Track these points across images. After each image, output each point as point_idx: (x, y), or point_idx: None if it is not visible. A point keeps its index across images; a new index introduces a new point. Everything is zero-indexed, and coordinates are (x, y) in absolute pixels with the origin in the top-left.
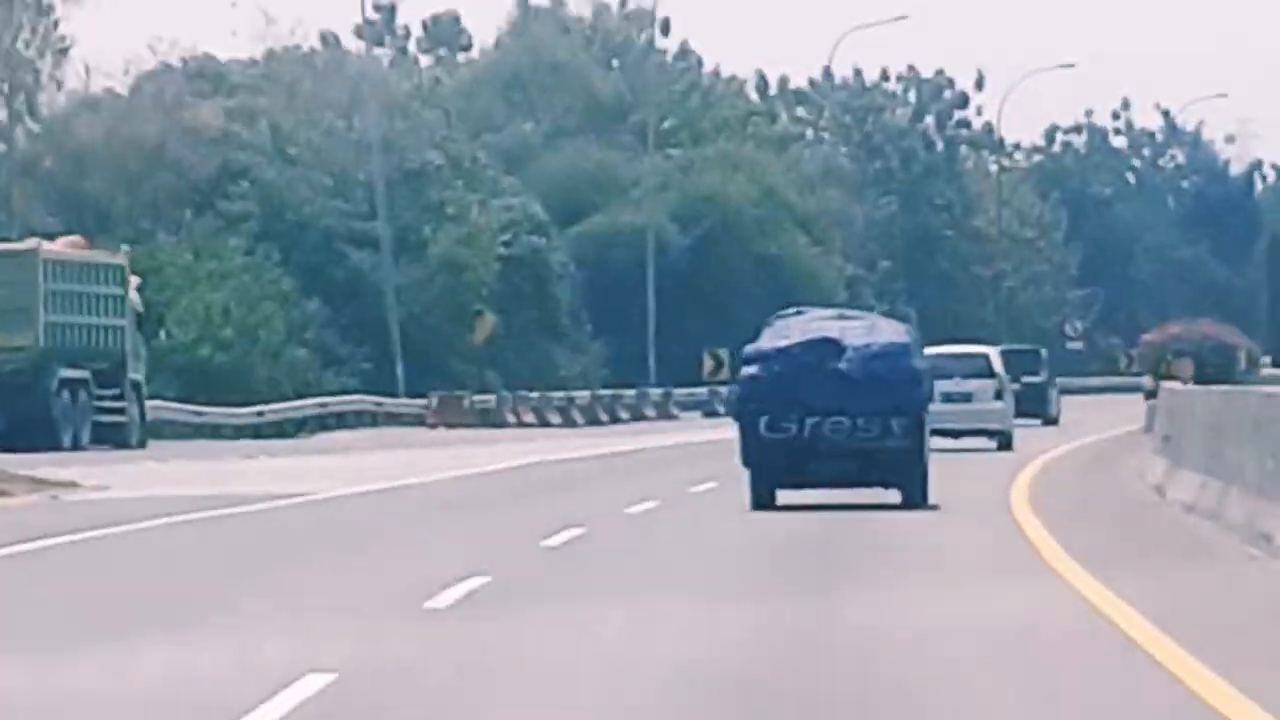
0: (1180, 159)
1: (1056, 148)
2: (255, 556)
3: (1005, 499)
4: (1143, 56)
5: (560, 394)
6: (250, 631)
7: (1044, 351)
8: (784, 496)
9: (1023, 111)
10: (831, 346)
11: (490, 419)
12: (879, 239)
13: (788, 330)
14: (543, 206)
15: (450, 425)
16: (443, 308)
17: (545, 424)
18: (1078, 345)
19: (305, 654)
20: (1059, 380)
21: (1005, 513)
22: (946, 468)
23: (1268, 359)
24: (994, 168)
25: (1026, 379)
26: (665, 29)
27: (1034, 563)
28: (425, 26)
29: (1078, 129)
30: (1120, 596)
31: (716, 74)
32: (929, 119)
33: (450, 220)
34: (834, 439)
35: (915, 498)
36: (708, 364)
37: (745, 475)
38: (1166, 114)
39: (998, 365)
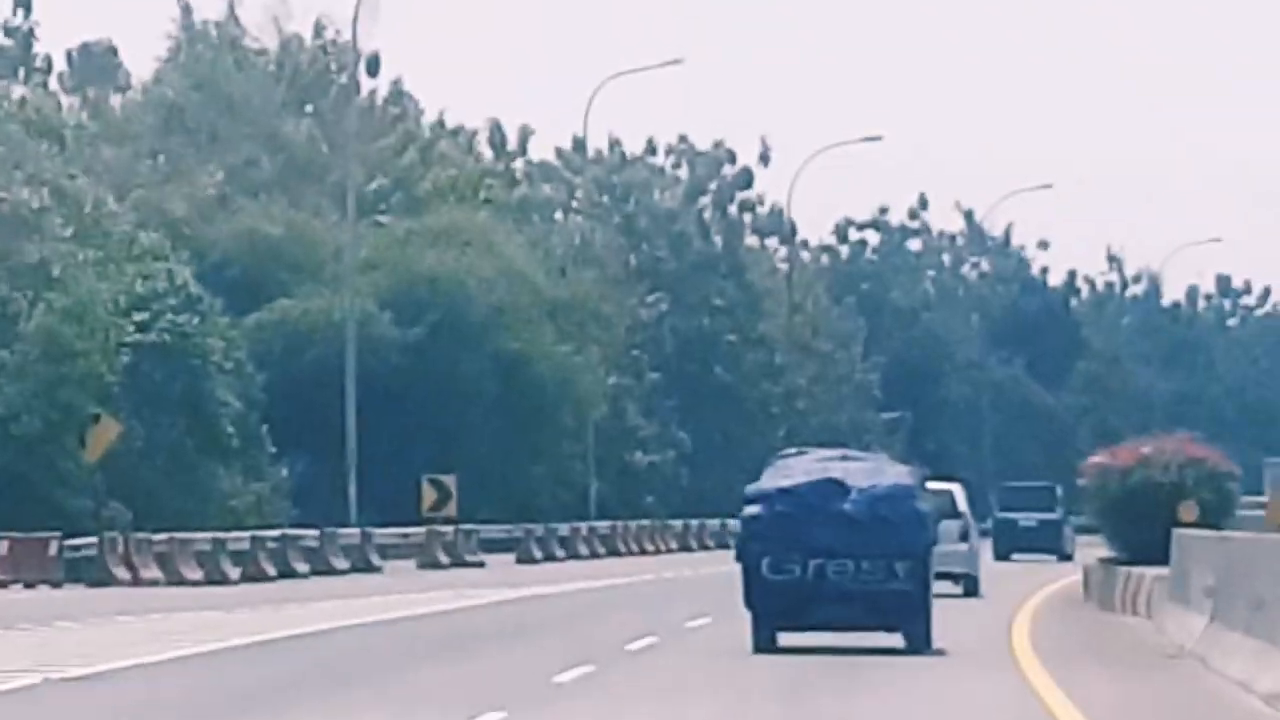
0: (986, 266)
1: (848, 246)
2: None
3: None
4: (945, 143)
5: (204, 535)
6: None
7: (1059, 488)
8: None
9: (812, 199)
10: (836, 487)
11: (88, 572)
12: (646, 344)
13: (790, 470)
14: (203, 280)
15: (28, 582)
16: (39, 409)
17: (179, 579)
18: None
19: None
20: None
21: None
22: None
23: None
24: (783, 265)
25: (1041, 516)
26: (373, 68)
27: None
28: (70, 57)
29: (874, 225)
30: None
31: (440, 124)
32: (705, 199)
33: (54, 288)
34: (838, 581)
35: (919, 642)
36: (428, 496)
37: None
38: (969, 215)
39: (962, 503)
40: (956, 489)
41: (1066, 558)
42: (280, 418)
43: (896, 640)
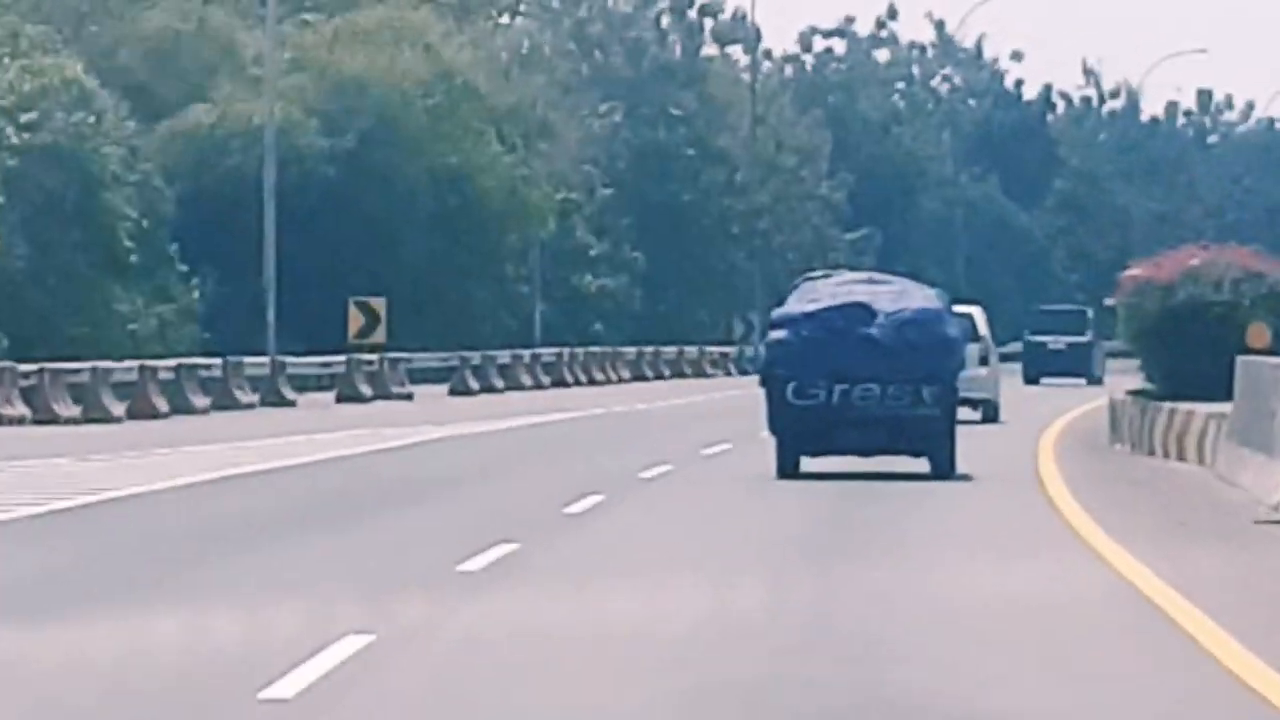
0: (958, 79)
1: (813, 56)
2: None
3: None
4: None
5: (81, 366)
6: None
7: (1090, 311)
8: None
9: (776, 5)
10: (862, 311)
11: None
12: (598, 158)
13: (816, 294)
14: (101, 79)
15: None
16: None
17: (50, 417)
18: None
19: None
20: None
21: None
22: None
23: None
24: (746, 75)
25: (1071, 339)
26: None
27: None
28: None
29: (840, 33)
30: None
31: None
32: (663, 3)
33: None
34: (864, 406)
35: (944, 468)
36: (354, 321)
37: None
38: (940, 26)
39: (983, 326)
40: (977, 311)
41: (1096, 381)
42: (192, 235)
43: (921, 465)
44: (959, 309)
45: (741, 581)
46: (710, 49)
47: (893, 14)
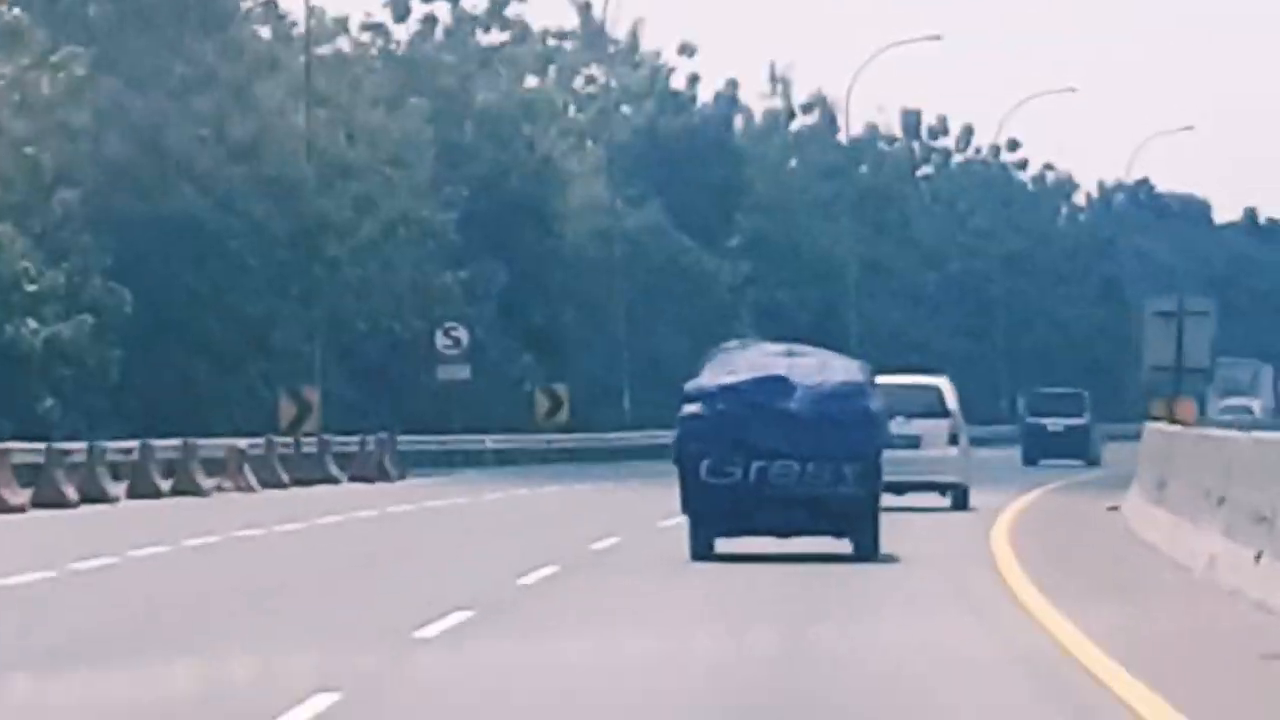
0: (609, 79)
1: (412, 25)
2: None
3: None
4: None
5: None
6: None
7: (1086, 394)
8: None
9: None
10: (781, 385)
11: None
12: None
13: (732, 364)
14: None
15: None
16: None
17: None
18: (457, 373)
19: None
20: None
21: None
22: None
23: None
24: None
25: (1070, 421)
26: None
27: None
28: None
29: None
30: None
31: None
32: None
33: None
34: (782, 485)
35: (867, 549)
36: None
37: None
38: (586, 8)
39: (951, 399)
40: (944, 383)
41: (1094, 462)
42: None
43: (841, 546)
44: (922, 380)
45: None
46: None
47: None
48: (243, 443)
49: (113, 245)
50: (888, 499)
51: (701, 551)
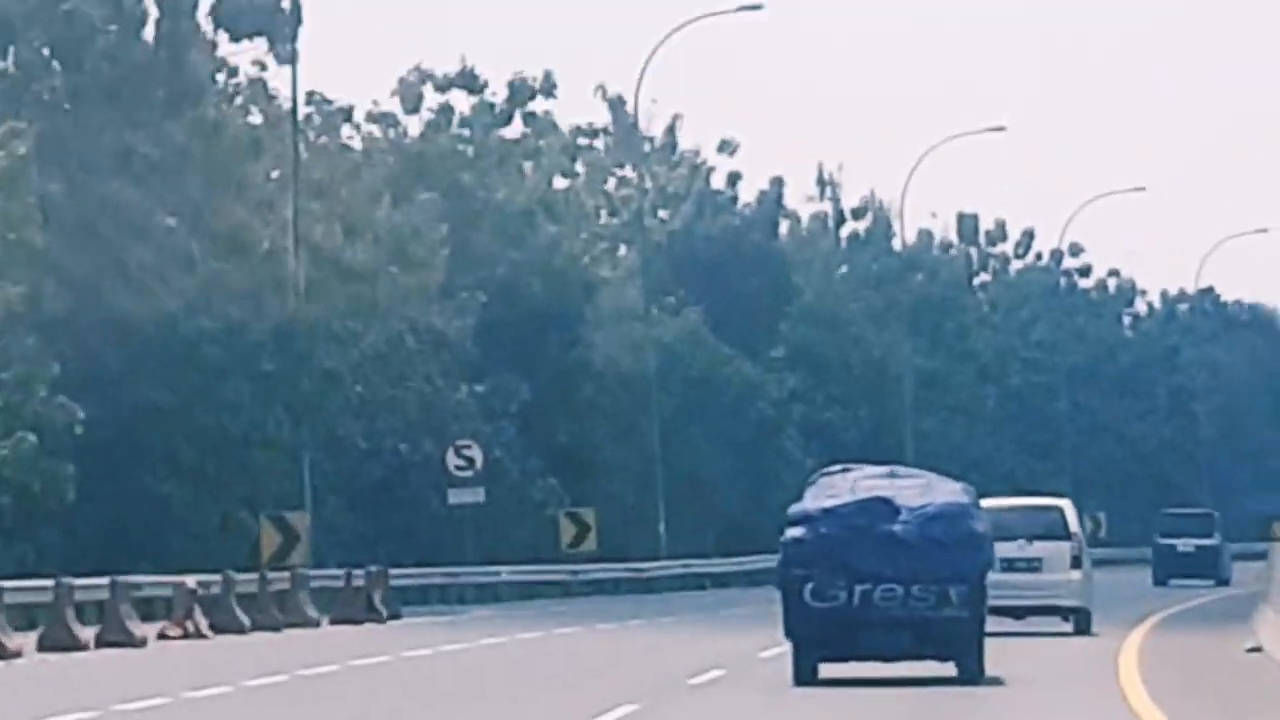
0: (641, 177)
1: (419, 119)
2: None
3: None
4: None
5: None
6: None
7: (1217, 514)
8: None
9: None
10: (885, 507)
11: None
12: None
13: (834, 489)
14: None
15: None
16: None
17: None
18: (471, 497)
19: None
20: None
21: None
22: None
23: None
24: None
25: (1200, 541)
26: None
27: None
28: None
29: (469, 87)
30: None
31: None
32: None
33: None
34: (886, 608)
35: (972, 672)
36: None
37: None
38: (617, 103)
39: (1073, 522)
40: (1066, 505)
41: (1224, 582)
42: None
43: (946, 670)
44: (1043, 501)
45: None
46: (230, 50)
47: (549, 88)
48: (192, 580)
49: (61, 352)
50: (1007, 624)
51: (806, 676)
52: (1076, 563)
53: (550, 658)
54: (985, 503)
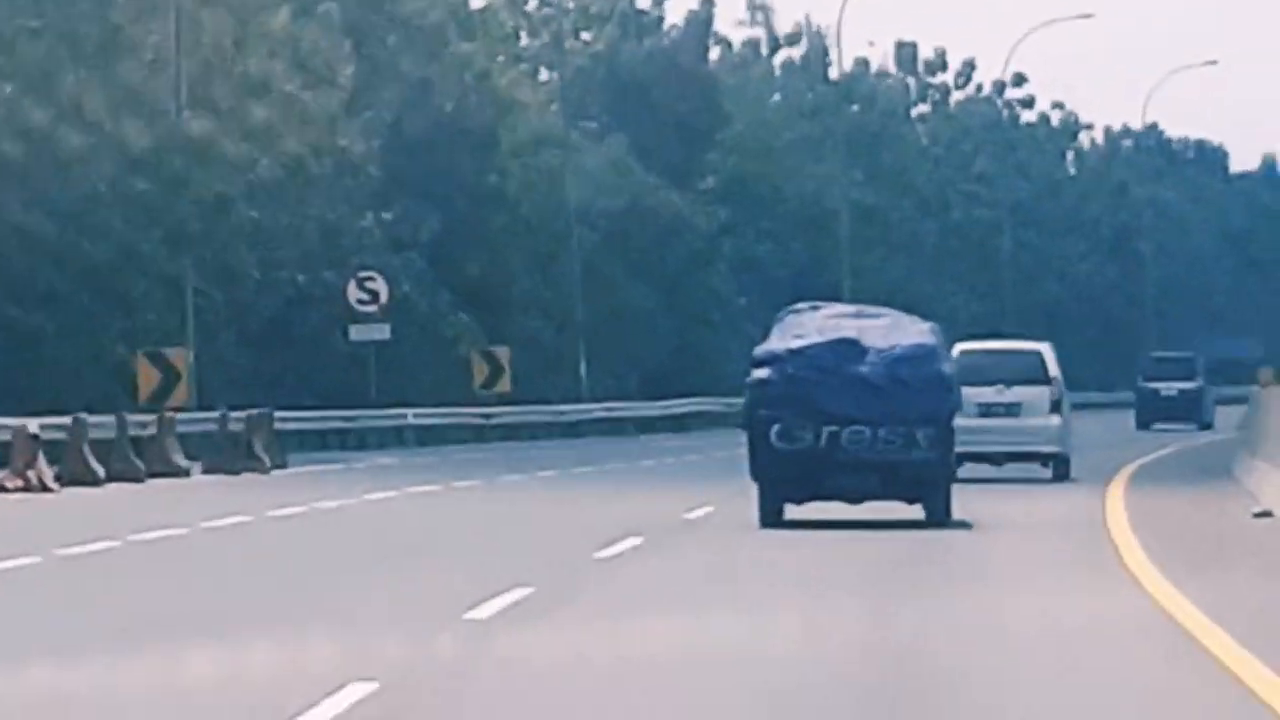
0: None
1: None
2: None
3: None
4: None
5: None
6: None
7: (1199, 358)
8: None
9: None
10: (852, 348)
11: None
12: None
13: (801, 328)
14: None
15: None
16: None
17: None
18: (374, 333)
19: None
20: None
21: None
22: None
23: None
24: None
25: (1182, 385)
26: None
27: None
28: None
29: None
30: None
31: None
32: None
33: None
34: (853, 450)
35: (939, 514)
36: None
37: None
38: None
39: (1053, 366)
40: (1045, 349)
41: (1207, 426)
42: None
43: (913, 512)
44: (1021, 345)
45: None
46: None
47: None
48: (34, 424)
49: None
50: (984, 470)
51: (770, 519)
52: (1056, 407)
53: (434, 520)
54: (962, 346)
